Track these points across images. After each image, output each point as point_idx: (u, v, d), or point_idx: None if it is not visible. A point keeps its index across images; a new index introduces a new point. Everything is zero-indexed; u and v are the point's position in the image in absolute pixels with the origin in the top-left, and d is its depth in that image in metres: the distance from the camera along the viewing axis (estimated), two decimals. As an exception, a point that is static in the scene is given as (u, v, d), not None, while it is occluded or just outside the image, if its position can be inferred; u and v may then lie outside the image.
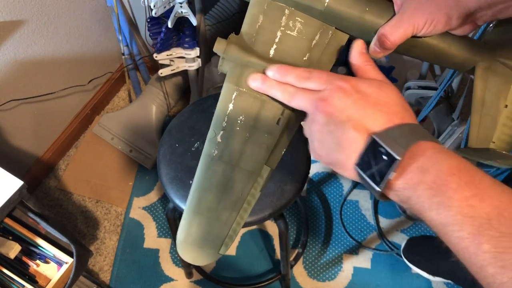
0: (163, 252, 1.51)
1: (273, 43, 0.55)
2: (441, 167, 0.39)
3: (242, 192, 0.55)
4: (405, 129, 0.42)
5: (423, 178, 0.39)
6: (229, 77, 0.55)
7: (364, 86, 0.45)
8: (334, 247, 1.49)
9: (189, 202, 0.56)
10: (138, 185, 1.63)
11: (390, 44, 0.51)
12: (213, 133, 0.55)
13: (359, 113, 0.43)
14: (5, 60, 1.31)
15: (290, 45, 0.55)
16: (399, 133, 0.41)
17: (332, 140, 0.44)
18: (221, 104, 0.55)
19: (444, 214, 0.37)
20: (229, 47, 0.54)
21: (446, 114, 1.26)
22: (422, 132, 0.42)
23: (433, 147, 0.41)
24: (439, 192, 0.38)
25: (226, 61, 0.55)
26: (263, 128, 0.54)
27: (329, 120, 0.44)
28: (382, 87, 0.46)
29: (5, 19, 1.25)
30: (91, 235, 1.55)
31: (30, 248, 1.20)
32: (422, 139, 0.41)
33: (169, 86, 1.69)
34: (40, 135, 1.58)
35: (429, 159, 0.40)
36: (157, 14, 1.20)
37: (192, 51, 1.38)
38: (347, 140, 0.43)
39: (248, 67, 0.55)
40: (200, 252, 0.56)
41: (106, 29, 1.65)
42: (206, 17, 1.61)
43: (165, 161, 0.91)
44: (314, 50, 0.56)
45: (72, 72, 1.58)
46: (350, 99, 0.44)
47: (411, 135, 0.41)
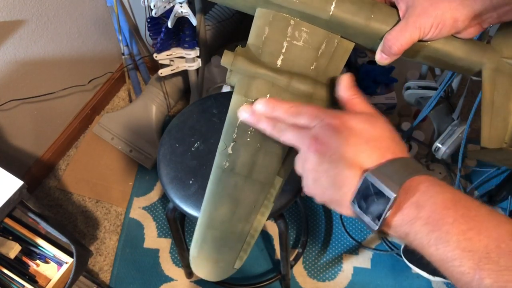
0: (163, 252, 1.51)
1: (280, 53, 0.56)
2: (436, 201, 0.39)
3: (255, 203, 0.55)
4: (397, 165, 0.41)
5: (419, 214, 0.39)
6: (238, 88, 0.55)
7: (355, 122, 0.44)
8: (334, 247, 1.49)
9: (201, 217, 0.55)
10: (138, 185, 1.63)
11: (396, 49, 0.51)
12: (223, 145, 0.55)
13: (351, 150, 0.43)
14: (5, 60, 1.31)
15: (297, 55, 0.55)
16: (392, 169, 0.41)
17: (326, 179, 0.44)
18: (231, 115, 0.55)
19: (442, 250, 0.37)
20: (236, 59, 0.54)
21: (446, 114, 1.26)
22: (414, 166, 0.42)
23: (426, 181, 0.40)
24: (436, 227, 0.38)
25: (234, 73, 0.55)
26: (274, 139, 0.54)
27: (322, 159, 0.44)
28: (372, 121, 0.45)
29: (5, 19, 1.25)
30: (91, 235, 1.55)
31: (30, 248, 1.20)
32: (415, 174, 0.41)
33: (169, 86, 1.69)
34: (40, 135, 1.58)
35: (423, 194, 0.39)
36: (157, 14, 1.20)
37: (192, 51, 1.38)
38: (341, 178, 0.43)
39: (256, 78, 0.55)
40: (214, 268, 0.56)
41: (106, 29, 1.65)
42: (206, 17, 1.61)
43: (165, 161, 0.91)
44: (320, 59, 0.56)
45: (72, 72, 1.58)
46: (341, 137, 0.43)
47: (404, 170, 0.41)
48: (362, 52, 1.65)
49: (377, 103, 1.52)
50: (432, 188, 0.40)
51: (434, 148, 1.28)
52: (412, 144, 1.43)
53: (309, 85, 0.55)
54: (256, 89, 0.55)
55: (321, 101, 0.55)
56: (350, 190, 0.42)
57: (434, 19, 0.49)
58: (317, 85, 0.55)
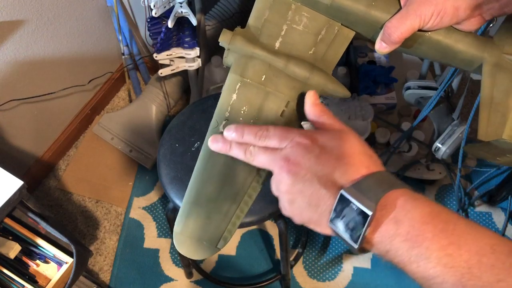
0: (163, 252, 1.51)
1: (279, 36, 0.56)
2: (414, 215, 0.38)
3: (243, 183, 0.54)
4: (372, 180, 0.41)
5: (398, 230, 0.38)
6: (234, 67, 0.55)
7: (325, 139, 0.44)
8: (334, 247, 1.49)
9: (188, 193, 0.55)
10: (138, 185, 1.63)
11: (396, 38, 0.51)
12: (215, 123, 0.55)
13: (324, 168, 0.42)
14: (5, 60, 1.31)
15: (295, 38, 0.55)
16: (367, 185, 0.40)
17: (302, 199, 0.43)
18: (225, 94, 0.55)
19: (423, 267, 0.36)
20: (234, 38, 0.54)
21: (446, 114, 1.26)
22: (390, 180, 0.41)
23: (403, 195, 0.40)
24: (416, 243, 0.37)
25: (231, 52, 0.55)
26: (266, 120, 0.54)
27: (295, 180, 0.43)
28: (343, 137, 0.44)
29: (5, 19, 1.25)
30: (91, 235, 1.55)
31: (30, 248, 1.20)
32: (391, 189, 0.40)
33: (169, 86, 1.69)
34: (40, 135, 1.58)
35: (401, 209, 0.39)
36: (157, 14, 1.20)
37: (192, 51, 1.38)
38: (317, 197, 0.42)
39: (253, 58, 0.55)
40: (197, 246, 0.55)
41: (106, 29, 1.65)
42: (206, 17, 1.61)
43: (165, 161, 0.91)
44: (319, 45, 0.56)
45: (72, 72, 1.58)
46: (312, 155, 0.43)
47: (379, 186, 0.40)
48: (362, 52, 1.65)
49: (377, 103, 1.52)
50: (409, 202, 0.39)
51: (434, 148, 1.28)
52: (412, 144, 1.44)
53: (306, 69, 0.55)
54: (252, 69, 0.55)
55: (316, 86, 0.55)
56: (327, 209, 0.42)
57: (435, 7, 0.49)
58: (314, 70, 0.55)
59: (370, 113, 1.40)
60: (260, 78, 0.55)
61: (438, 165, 1.49)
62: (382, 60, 1.64)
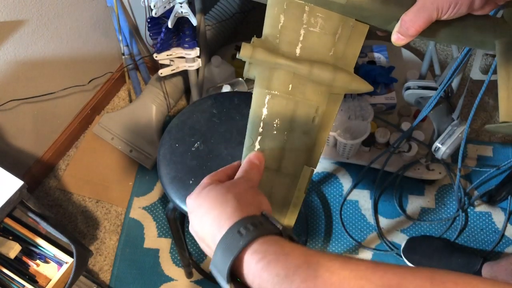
0: (163, 252, 1.51)
1: (298, 42, 0.55)
2: (275, 285, 0.36)
3: (287, 195, 0.54)
4: (220, 250, 0.40)
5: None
6: (259, 81, 0.54)
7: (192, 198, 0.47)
8: (334, 247, 1.49)
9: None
10: (138, 185, 1.63)
11: (414, 31, 0.51)
12: (250, 140, 0.54)
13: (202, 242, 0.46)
14: (5, 60, 1.31)
15: (314, 42, 0.55)
16: (218, 258, 0.39)
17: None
18: (255, 109, 0.54)
19: None
20: (255, 51, 0.54)
21: (446, 114, 1.26)
22: (234, 241, 0.39)
23: (256, 263, 0.38)
24: None
25: (254, 66, 0.54)
26: (300, 129, 0.54)
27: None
28: (210, 192, 0.46)
29: (5, 19, 1.25)
30: (91, 235, 1.55)
31: (30, 248, 1.20)
32: (236, 255, 0.38)
33: (169, 86, 1.69)
34: (40, 135, 1.59)
35: (261, 279, 0.37)
36: (157, 14, 1.20)
37: (192, 51, 1.38)
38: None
39: (277, 69, 0.54)
40: None
41: (106, 29, 1.65)
42: (206, 17, 1.61)
43: (165, 161, 0.91)
44: (338, 44, 0.56)
45: (72, 72, 1.58)
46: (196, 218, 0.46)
47: (225, 257, 0.39)
48: (362, 52, 1.65)
49: (377, 103, 1.52)
50: (263, 271, 0.37)
51: (434, 148, 1.28)
52: (412, 144, 1.44)
53: (330, 72, 0.54)
54: (278, 81, 0.54)
55: (341, 88, 0.55)
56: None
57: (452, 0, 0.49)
58: (337, 71, 0.55)
59: (370, 113, 1.40)
60: (287, 89, 0.54)
61: (438, 165, 1.49)
62: (382, 60, 1.64)
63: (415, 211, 1.52)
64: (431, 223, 1.50)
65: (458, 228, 1.47)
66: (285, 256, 0.37)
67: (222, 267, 0.38)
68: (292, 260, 0.37)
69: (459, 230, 1.47)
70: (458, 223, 1.48)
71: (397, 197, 1.53)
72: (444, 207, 1.53)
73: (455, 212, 1.50)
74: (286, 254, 0.38)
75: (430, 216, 1.51)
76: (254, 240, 0.39)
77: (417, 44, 1.91)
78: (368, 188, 1.57)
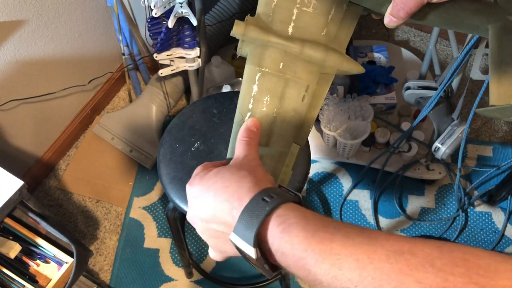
0: (163, 252, 1.51)
1: (291, 21, 0.56)
2: (294, 246, 0.39)
3: (274, 171, 0.55)
4: (245, 217, 0.41)
5: (287, 262, 0.39)
6: (250, 58, 0.55)
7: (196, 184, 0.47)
8: (334, 247, 1.49)
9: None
10: (138, 185, 1.63)
11: (405, 12, 0.51)
12: (239, 116, 0.55)
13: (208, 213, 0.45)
14: (5, 60, 1.31)
15: (307, 21, 0.56)
16: (244, 224, 0.41)
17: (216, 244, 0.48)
18: (245, 86, 0.55)
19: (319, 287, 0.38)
20: (248, 28, 0.54)
21: (446, 114, 1.26)
22: (259, 208, 0.41)
23: (277, 226, 0.40)
24: (306, 271, 0.38)
25: (246, 43, 0.55)
26: (289, 107, 0.55)
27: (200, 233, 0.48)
28: (218, 173, 0.46)
29: (5, 19, 1.25)
30: (91, 235, 1.55)
31: (30, 248, 1.20)
32: (263, 219, 0.40)
33: (169, 86, 1.70)
34: (40, 135, 1.59)
35: (281, 241, 0.39)
36: (157, 14, 1.20)
37: (192, 51, 1.38)
38: (219, 247, 0.47)
39: (269, 47, 0.55)
40: None
41: (106, 29, 1.65)
42: (206, 17, 1.62)
43: (165, 161, 0.91)
44: (330, 25, 0.56)
45: (72, 72, 1.58)
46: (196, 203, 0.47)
47: (251, 223, 0.40)
48: (362, 52, 1.65)
49: (377, 103, 1.52)
50: (285, 233, 0.39)
51: (434, 148, 1.28)
52: (412, 144, 1.44)
53: (321, 52, 0.55)
54: (269, 58, 0.55)
55: (332, 68, 0.56)
56: (232, 250, 0.44)
57: None
58: (329, 51, 0.55)
59: (370, 113, 1.41)
60: (278, 66, 0.55)
61: (438, 165, 1.49)
62: (382, 60, 1.64)
63: (415, 211, 1.53)
64: (431, 223, 1.50)
65: (458, 228, 1.47)
66: (305, 220, 0.40)
67: (248, 232, 0.40)
68: (311, 224, 0.39)
69: (459, 230, 1.47)
70: (458, 223, 1.48)
71: (397, 197, 1.53)
72: (444, 207, 1.53)
73: (455, 212, 1.50)
74: (306, 218, 0.40)
75: (430, 216, 1.51)
76: (278, 206, 0.41)
77: (417, 44, 1.91)
78: (368, 188, 1.57)
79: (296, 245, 0.38)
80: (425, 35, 1.92)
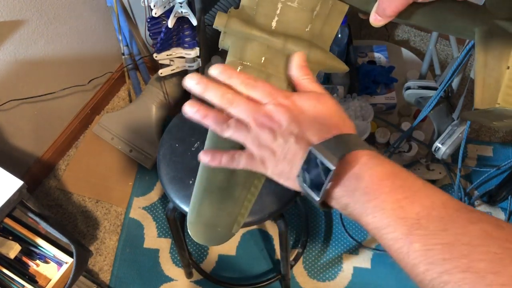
0: (163, 252, 1.51)
1: (275, 15, 0.55)
2: (375, 172, 0.41)
3: (252, 173, 0.54)
4: (341, 140, 0.43)
5: (358, 185, 0.41)
6: (232, 51, 0.54)
7: (303, 101, 0.47)
8: (334, 247, 1.49)
9: (198, 182, 0.55)
10: (138, 185, 1.63)
11: (391, 11, 0.51)
12: None
13: (300, 127, 0.45)
14: (5, 60, 1.31)
15: (291, 16, 0.55)
16: (335, 143, 0.43)
17: (280, 153, 0.46)
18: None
19: (379, 217, 0.39)
20: (230, 20, 0.54)
21: (446, 114, 1.26)
22: (357, 141, 0.44)
23: (367, 155, 0.42)
24: (373, 196, 0.39)
25: (228, 35, 0.54)
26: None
27: (275, 137, 0.46)
28: (321, 100, 0.48)
29: (5, 19, 1.25)
30: (91, 235, 1.55)
31: (30, 248, 1.20)
32: (357, 148, 0.43)
33: (169, 86, 1.69)
34: (40, 135, 1.58)
35: (363, 166, 0.41)
36: (157, 14, 1.20)
37: (192, 51, 1.38)
38: (290, 153, 0.45)
39: (251, 40, 0.54)
40: (212, 232, 0.56)
41: (106, 29, 1.65)
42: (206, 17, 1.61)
43: (165, 161, 0.91)
44: (315, 21, 0.55)
45: (72, 72, 1.58)
46: (291, 115, 0.46)
47: (346, 145, 0.43)
48: (362, 52, 1.65)
49: (377, 103, 1.52)
50: (372, 161, 0.42)
51: (434, 148, 1.28)
52: (412, 144, 1.44)
53: (304, 47, 0.54)
54: (251, 51, 0.54)
55: (316, 63, 0.55)
56: (297, 164, 0.45)
57: None
58: (312, 47, 0.55)
59: (370, 113, 1.40)
60: (259, 60, 0.54)
61: (438, 165, 1.49)
62: (382, 60, 1.64)
63: (415, 211, 1.52)
64: (431, 223, 1.50)
65: (458, 228, 1.47)
66: (382, 160, 0.43)
67: (337, 151, 0.42)
68: (397, 167, 0.42)
69: (459, 230, 1.47)
70: (458, 223, 1.48)
71: (397, 197, 1.53)
72: (444, 207, 1.52)
73: (455, 212, 1.49)
74: (383, 159, 0.43)
75: (430, 216, 1.51)
76: (367, 147, 0.44)
77: (417, 44, 1.91)
78: (368, 188, 1.57)
79: (377, 174, 0.40)
80: (425, 35, 1.91)
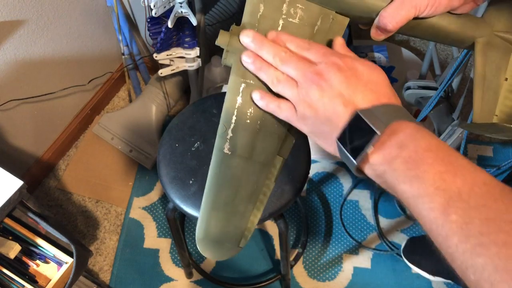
0: (163, 252, 1.51)
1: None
2: (419, 143, 0.40)
3: (257, 184, 0.55)
4: (389, 109, 0.44)
5: (400, 153, 0.40)
6: (235, 69, 0.54)
7: (358, 65, 0.47)
8: (334, 247, 1.49)
9: (205, 200, 0.56)
10: (138, 185, 1.63)
11: (392, 27, 0.51)
12: (223, 128, 0.55)
13: (350, 89, 0.45)
14: (5, 60, 1.31)
15: (293, 32, 0.55)
16: (383, 111, 0.43)
17: (323, 112, 0.46)
18: (229, 97, 0.54)
19: (417, 187, 0.38)
20: (232, 38, 0.54)
21: (446, 114, 1.26)
22: (405, 113, 0.44)
23: (413, 127, 0.42)
24: (414, 166, 0.39)
25: (230, 54, 0.54)
26: (273, 119, 0.54)
27: (322, 94, 0.46)
28: (373, 68, 0.48)
29: (5, 19, 1.25)
30: (91, 235, 1.55)
31: (30, 248, 1.20)
32: (404, 119, 0.42)
33: (169, 86, 1.70)
34: (40, 135, 1.58)
35: (408, 136, 0.41)
36: (157, 14, 1.20)
37: (192, 51, 1.38)
38: (335, 114, 0.45)
39: None
40: (220, 248, 0.57)
41: (106, 29, 1.65)
42: (206, 17, 1.61)
43: (165, 161, 0.91)
44: (317, 36, 0.56)
45: (72, 72, 1.58)
46: (343, 75, 0.46)
47: (394, 114, 0.43)
48: (362, 52, 1.65)
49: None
50: (418, 133, 0.41)
51: (434, 148, 1.28)
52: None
53: None
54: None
55: None
56: (339, 125, 0.45)
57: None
58: None
59: (370, 113, 1.40)
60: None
61: (438, 165, 1.49)
62: (382, 60, 1.64)
63: (415, 211, 1.52)
64: (431, 223, 1.50)
65: (458, 228, 1.47)
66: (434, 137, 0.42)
67: (385, 117, 0.42)
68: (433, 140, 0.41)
69: (459, 230, 1.47)
70: (458, 223, 1.48)
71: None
72: (444, 207, 1.52)
73: (455, 212, 1.49)
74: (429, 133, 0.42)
75: (430, 216, 1.51)
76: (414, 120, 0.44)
77: (417, 44, 1.91)
78: (368, 188, 1.57)
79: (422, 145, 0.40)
80: (425, 35, 1.91)
